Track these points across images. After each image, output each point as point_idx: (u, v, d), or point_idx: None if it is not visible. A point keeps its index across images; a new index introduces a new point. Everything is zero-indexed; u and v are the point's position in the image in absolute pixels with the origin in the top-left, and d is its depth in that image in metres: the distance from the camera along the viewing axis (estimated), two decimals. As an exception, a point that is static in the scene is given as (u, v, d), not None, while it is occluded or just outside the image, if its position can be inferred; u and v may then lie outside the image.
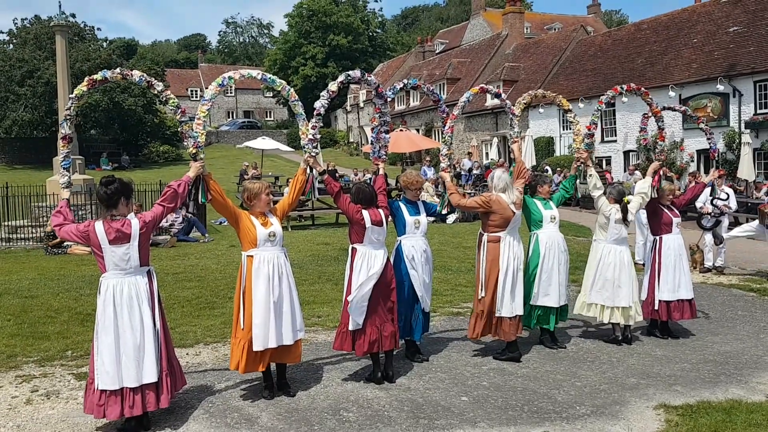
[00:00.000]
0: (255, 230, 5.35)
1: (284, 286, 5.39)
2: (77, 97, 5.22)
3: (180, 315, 8.16)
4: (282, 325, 5.34)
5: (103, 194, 4.71)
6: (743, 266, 11.77)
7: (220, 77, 5.38)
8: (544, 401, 5.34)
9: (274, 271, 5.33)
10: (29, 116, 42.91)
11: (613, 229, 6.97)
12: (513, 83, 36.61)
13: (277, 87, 5.71)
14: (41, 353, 6.68)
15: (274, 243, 5.41)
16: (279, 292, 5.33)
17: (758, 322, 7.98)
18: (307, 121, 5.82)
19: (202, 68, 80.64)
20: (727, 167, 22.63)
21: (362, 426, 4.83)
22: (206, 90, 5.40)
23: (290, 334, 5.38)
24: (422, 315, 6.31)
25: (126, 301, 4.67)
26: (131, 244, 4.69)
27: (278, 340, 5.30)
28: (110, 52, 47.99)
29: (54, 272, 11.63)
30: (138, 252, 4.73)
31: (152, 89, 5.33)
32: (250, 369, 5.33)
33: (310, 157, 5.76)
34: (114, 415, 4.61)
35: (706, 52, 25.90)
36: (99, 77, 5.17)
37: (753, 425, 4.75)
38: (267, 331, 5.23)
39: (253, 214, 5.48)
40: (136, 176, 24.99)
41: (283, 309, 5.35)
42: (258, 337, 5.22)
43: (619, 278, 6.90)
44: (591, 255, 7.19)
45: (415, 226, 6.26)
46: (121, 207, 4.74)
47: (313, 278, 10.52)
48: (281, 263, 5.41)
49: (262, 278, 5.28)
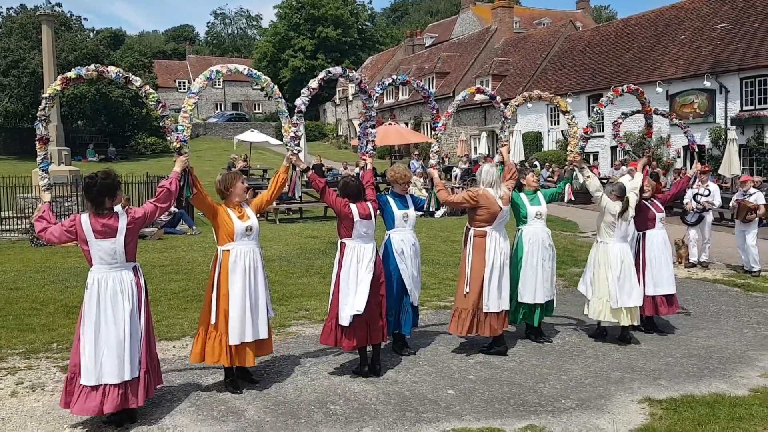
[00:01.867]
0: (232, 224, 5.33)
1: (260, 280, 5.41)
2: (50, 97, 5.05)
3: (167, 308, 8.14)
4: (258, 318, 5.36)
5: (87, 194, 4.67)
6: (728, 261, 11.88)
7: (208, 71, 5.35)
8: (530, 395, 5.37)
9: (250, 265, 5.34)
10: (14, 106, 42.53)
11: (621, 227, 6.86)
12: (502, 78, 36.68)
13: (262, 83, 5.72)
14: (26, 345, 6.64)
15: (251, 237, 5.41)
16: (255, 286, 5.35)
17: (742, 317, 8.06)
18: (290, 118, 5.81)
19: (190, 60, 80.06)
20: (712, 163, 22.81)
21: (349, 419, 4.84)
22: (193, 83, 5.36)
23: (265, 327, 5.41)
24: (411, 309, 6.32)
25: (110, 296, 4.62)
26: (117, 239, 4.65)
27: (254, 334, 5.32)
28: (97, 43, 47.56)
29: (39, 264, 11.55)
30: (124, 247, 4.68)
31: (130, 85, 5.17)
32: (224, 362, 5.32)
33: (293, 155, 5.74)
34: (91, 412, 4.55)
35: (694, 49, 26.06)
36: (73, 75, 5.01)
37: (736, 419, 4.81)
38: (244, 326, 5.25)
39: (229, 205, 5.45)
40: (123, 168, 24.83)
41: (259, 303, 5.37)
42: (234, 330, 5.22)
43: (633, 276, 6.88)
44: (601, 257, 6.89)
45: (403, 220, 6.27)
46: (107, 202, 4.69)
47: (301, 271, 10.51)
48: (256, 257, 5.42)
49: (239, 272, 5.29)
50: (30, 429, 4.64)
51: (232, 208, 5.45)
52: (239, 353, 5.31)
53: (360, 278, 5.60)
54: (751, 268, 10.76)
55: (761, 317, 8.01)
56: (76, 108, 43.59)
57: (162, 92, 62.37)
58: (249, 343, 5.32)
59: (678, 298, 7.54)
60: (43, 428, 4.66)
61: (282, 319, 7.65)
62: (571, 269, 10.85)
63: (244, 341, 5.27)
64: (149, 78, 48.47)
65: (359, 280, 5.59)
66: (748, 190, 11.21)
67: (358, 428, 4.68)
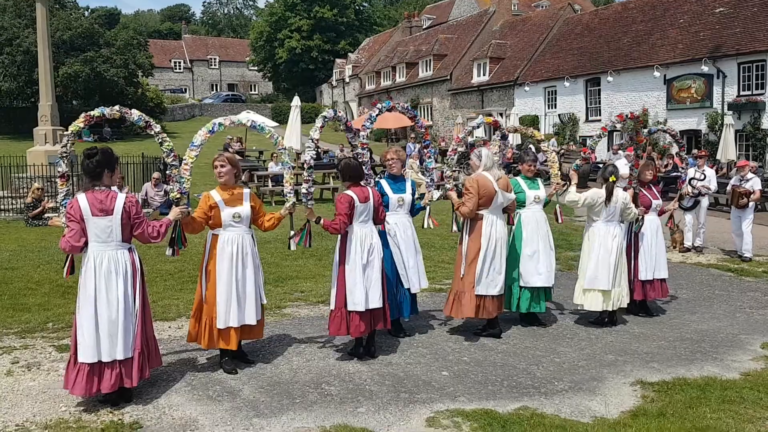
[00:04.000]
0: (219, 211, 5.33)
1: (249, 267, 5.40)
2: (73, 134, 5.23)
3: (162, 288, 8.15)
4: (246, 305, 5.37)
5: (87, 166, 4.67)
6: (722, 246, 11.93)
7: (210, 123, 5.36)
8: (523, 376, 5.42)
9: (239, 251, 5.34)
10: (8, 85, 42.13)
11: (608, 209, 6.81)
12: (499, 60, 36.52)
13: (265, 135, 5.80)
14: (22, 325, 6.65)
15: (238, 223, 5.40)
16: (243, 273, 5.36)
17: (735, 301, 8.11)
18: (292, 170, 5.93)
19: (185, 39, 79.51)
20: (709, 148, 22.83)
21: (344, 399, 4.88)
22: (195, 135, 5.33)
23: (253, 314, 5.41)
24: (409, 294, 6.32)
25: (104, 274, 4.62)
26: (114, 217, 4.65)
27: (240, 320, 5.34)
28: (92, 21, 47.06)
29: (34, 244, 11.54)
30: (120, 226, 4.68)
31: (149, 130, 5.41)
32: (212, 345, 5.37)
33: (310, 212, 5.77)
34: (87, 391, 4.58)
35: (692, 33, 25.96)
36: (97, 113, 5.22)
37: (727, 401, 4.86)
38: (229, 310, 5.27)
39: (220, 190, 5.43)
40: (119, 148, 24.63)
41: (247, 290, 5.38)
42: (221, 315, 5.25)
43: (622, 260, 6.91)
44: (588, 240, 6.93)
45: (398, 204, 6.25)
46: (105, 178, 4.71)
47: (297, 254, 10.51)
48: (246, 244, 5.41)
49: (226, 258, 5.31)
50: (26, 408, 4.66)
51: (221, 191, 5.42)
52: (222, 335, 5.34)
53: (369, 264, 5.58)
54: (742, 254, 10.81)
55: (754, 302, 8.07)
56: (71, 88, 43.16)
57: (157, 72, 62.06)
58: (235, 328, 5.35)
59: (670, 282, 7.59)
60: (38, 407, 4.68)
61: (278, 301, 7.67)
62: (565, 253, 10.89)
63: (229, 326, 5.30)
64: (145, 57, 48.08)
65: (369, 270, 5.57)
66: (746, 175, 11.18)
67: (353, 408, 4.72)
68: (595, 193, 6.84)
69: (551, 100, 32.02)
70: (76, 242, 4.61)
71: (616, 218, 6.90)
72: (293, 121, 21.84)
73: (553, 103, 31.93)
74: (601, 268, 6.74)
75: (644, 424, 4.46)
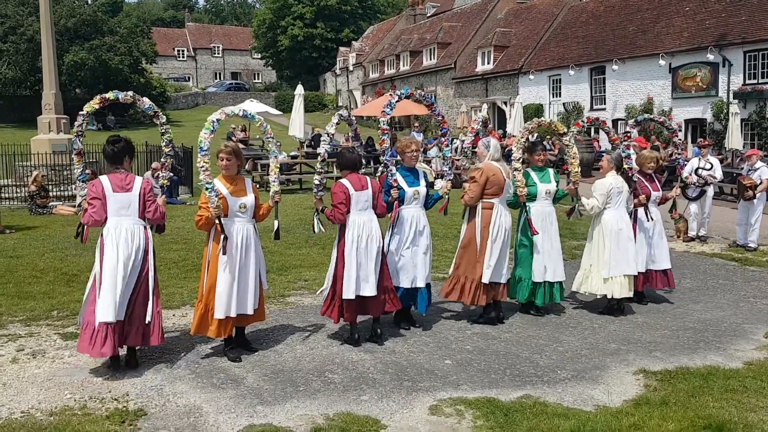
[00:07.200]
0: (225, 202, 5.32)
1: (251, 257, 5.43)
2: (88, 114, 5.44)
3: (166, 277, 8.17)
4: (247, 296, 5.40)
5: (110, 151, 5.18)
6: (726, 236, 11.90)
7: (209, 123, 5.34)
8: (526, 365, 5.43)
9: (242, 242, 5.36)
10: (12, 74, 42.11)
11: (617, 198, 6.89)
12: (504, 49, 36.34)
13: (255, 123, 5.84)
14: (27, 313, 6.69)
15: (244, 213, 5.41)
16: (245, 263, 5.38)
17: (738, 290, 8.10)
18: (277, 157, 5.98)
19: (189, 27, 79.31)
20: (714, 137, 22.73)
21: (347, 387, 4.90)
22: (201, 141, 5.31)
23: (252, 304, 5.45)
24: (425, 288, 6.29)
25: (123, 240, 4.99)
26: (133, 193, 5.10)
27: (239, 310, 5.38)
28: (95, 9, 47.08)
29: (39, 232, 11.57)
30: (138, 201, 5.10)
31: (156, 119, 5.78)
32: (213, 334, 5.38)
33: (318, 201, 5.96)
34: (96, 353, 4.95)
35: (698, 21, 25.77)
36: (111, 96, 5.50)
37: (729, 391, 4.86)
38: (229, 300, 5.29)
39: (224, 180, 5.42)
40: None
41: (249, 281, 5.40)
42: (220, 305, 5.27)
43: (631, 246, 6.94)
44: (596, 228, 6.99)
45: (414, 197, 6.22)
46: (125, 164, 5.24)
47: (300, 242, 10.55)
48: (249, 235, 5.44)
49: (229, 249, 5.31)
50: (31, 395, 4.69)
51: (225, 181, 5.41)
52: (221, 324, 5.36)
53: (366, 252, 5.61)
54: (747, 243, 10.76)
55: (757, 291, 8.06)
56: (75, 76, 43.15)
57: (161, 60, 62.06)
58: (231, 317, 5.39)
59: (675, 272, 7.57)
60: (43, 394, 4.70)
61: (281, 290, 7.69)
62: (569, 242, 10.87)
63: (229, 316, 5.33)
64: (148, 44, 47.99)
65: (364, 258, 5.60)
66: (755, 163, 11.07)
67: (356, 396, 4.74)
68: (603, 186, 6.87)
69: (556, 88, 31.87)
70: (99, 217, 5.04)
71: (623, 204, 6.97)
72: (297, 110, 21.81)
73: (557, 91, 31.78)
74: (623, 253, 6.79)
75: (647, 412, 4.46)
